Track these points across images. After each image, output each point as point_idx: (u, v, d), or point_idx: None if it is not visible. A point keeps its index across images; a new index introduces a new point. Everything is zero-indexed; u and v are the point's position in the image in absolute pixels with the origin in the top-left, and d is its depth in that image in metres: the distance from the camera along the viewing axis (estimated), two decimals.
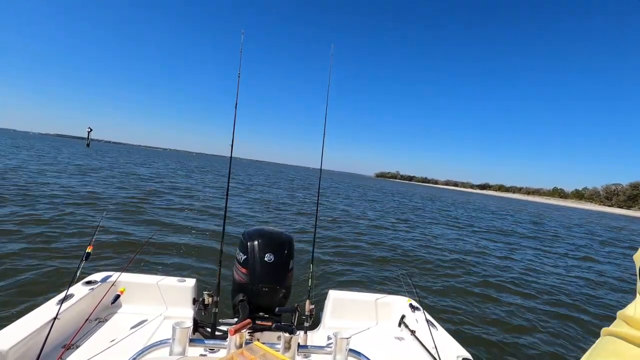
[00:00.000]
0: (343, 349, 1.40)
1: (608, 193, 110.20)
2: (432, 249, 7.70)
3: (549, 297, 5.11)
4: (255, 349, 1.26)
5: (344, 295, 2.23)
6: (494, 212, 24.97)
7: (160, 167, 29.62)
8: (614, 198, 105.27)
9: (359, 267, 5.46)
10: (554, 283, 5.90)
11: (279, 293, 1.81)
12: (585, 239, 14.48)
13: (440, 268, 5.89)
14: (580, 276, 6.77)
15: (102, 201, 9.30)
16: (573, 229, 19.23)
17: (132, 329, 1.80)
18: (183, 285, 2.10)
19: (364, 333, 2.05)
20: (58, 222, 6.33)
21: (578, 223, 25.63)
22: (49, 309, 1.62)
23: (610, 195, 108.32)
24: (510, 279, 5.84)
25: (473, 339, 3.39)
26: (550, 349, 3.44)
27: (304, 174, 71.99)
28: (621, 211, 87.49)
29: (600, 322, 4.12)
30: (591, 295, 5.47)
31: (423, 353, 1.79)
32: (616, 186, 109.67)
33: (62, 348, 1.53)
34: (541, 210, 44.39)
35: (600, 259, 9.29)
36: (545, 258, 8.36)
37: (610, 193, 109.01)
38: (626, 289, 6.16)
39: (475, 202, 40.70)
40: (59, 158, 23.52)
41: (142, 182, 15.33)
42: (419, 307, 2.16)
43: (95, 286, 1.95)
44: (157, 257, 4.86)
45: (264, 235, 1.90)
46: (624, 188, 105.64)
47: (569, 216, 35.84)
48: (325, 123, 2.26)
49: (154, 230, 6.29)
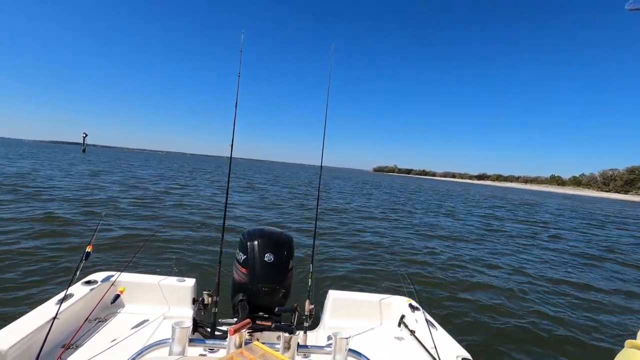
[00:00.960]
0: (343, 349, 1.40)
1: (605, 179, 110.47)
2: (433, 247, 7.69)
3: (553, 299, 5.02)
4: (255, 348, 1.26)
5: (344, 295, 2.23)
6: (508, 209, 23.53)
7: (160, 169, 29.55)
8: (611, 183, 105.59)
9: (358, 267, 5.46)
10: (560, 287, 5.66)
11: (278, 293, 1.81)
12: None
13: (440, 269, 5.84)
14: (599, 284, 6.04)
15: (102, 202, 9.31)
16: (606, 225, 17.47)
17: (132, 329, 1.80)
18: (183, 285, 2.11)
19: (363, 333, 2.05)
20: (58, 222, 6.35)
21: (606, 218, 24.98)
22: (49, 308, 1.62)
23: (607, 181, 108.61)
24: (512, 278, 5.78)
25: (473, 339, 3.40)
26: (552, 350, 3.42)
27: (297, 171, 71.77)
28: (618, 196, 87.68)
29: (603, 327, 4.08)
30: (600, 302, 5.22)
31: (423, 353, 1.78)
32: (613, 171, 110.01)
33: (62, 348, 1.54)
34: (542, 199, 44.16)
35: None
36: (555, 259, 8.08)
37: (607, 178, 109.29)
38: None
39: (476, 194, 40.32)
40: (59, 163, 23.51)
41: (142, 184, 15.35)
42: (418, 307, 2.16)
43: (95, 286, 1.96)
44: (157, 257, 4.88)
45: (263, 235, 1.90)
46: (620, 173, 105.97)
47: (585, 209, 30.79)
48: (325, 123, 2.25)
49: (154, 230, 6.31)
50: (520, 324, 3.94)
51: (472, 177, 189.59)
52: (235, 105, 1.98)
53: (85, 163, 27.75)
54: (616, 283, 6.15)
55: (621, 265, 7.73)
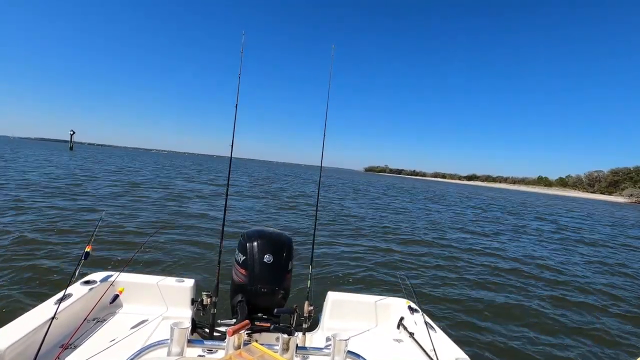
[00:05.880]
0: (341, 350, 1.41)
1: (590, 180, 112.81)
2: (433, 249, 7.74)
3: (556, 296, 5.06)
4: (254, 350, 1.27)
5: (343, 296, 2.24)
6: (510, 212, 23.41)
7: (152, 167, 29.18)
8: (596, 185, 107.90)
9: (357, 269, 5.47)
10: (564, 286, 5.71)
11: (277, 294, 1.81)
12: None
13: (439, 271, 5.86)
14: (601, 280, 6.32)
15: (101, 201, 9.20)
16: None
17: (131, 329, 1.80)
18: (182, 286, 2.11)
19: (362, 335, 2.06)
20: (57, 222, 6.28)
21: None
22: (47, 308, 1.62)
23: (592, 182, 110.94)
24: (512, 279, 5.79)
25: (472, 342, 3.41)
26: (553, 352, 3.42)
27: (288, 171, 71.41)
28: (602, 197, 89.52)
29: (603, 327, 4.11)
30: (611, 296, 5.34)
31: (421, 355, 1.80)
32: (598, 173, 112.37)
33: (60, 348, 1.53)
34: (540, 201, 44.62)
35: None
36: (559, 256, 8.18)
37: (593, 180, 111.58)
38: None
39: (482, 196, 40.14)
40: (50, 160, 23.05)
41: (137, 182, 15.16)
42: (417, 309, 2.16)
43: (94, 286, 1.95)
44: (156, 257, 4.86)
45: (263, 237, 1.90)
46: (604, 174, 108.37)
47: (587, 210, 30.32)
48: (325, 124, 2.26)
49: (153, 230, 6.25)
50: (520, 325, 3.95)
51: (462, 177, 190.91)
52: (236, 106, 1.99)
53: (75, 160, 27.29)
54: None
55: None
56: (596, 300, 5.20)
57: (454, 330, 3.56)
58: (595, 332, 4.00)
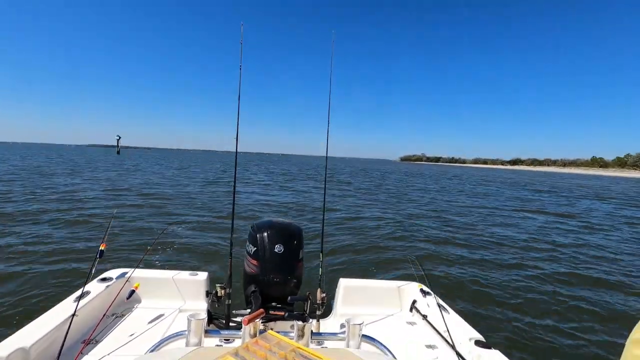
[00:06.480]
0: (356, 334, 1.41)
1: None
2: (441, 231, 7.66)
3: (572, 280, 4.86)
4: (270, 337, 1.27)
5: (355, 282, 2.25)
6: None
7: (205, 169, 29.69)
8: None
9: (368, 254, 5.46)
10: (581, 269, 5.42)
11: (290, 283, 1.83)
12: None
13: (451, 253, 5.79)
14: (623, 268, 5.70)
15: (113, 200, 9.45)
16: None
17: (149, 323, 1.84)
18: (195, 279, 2.14)
19: (375, 319, 2.07)
20: (73, 223, 6.51)
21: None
22: (67, 306, 1.67)
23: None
24: (526, 259, 5.63)
25: (486, 322, 3.38)
26: (565, 334, 3.35)
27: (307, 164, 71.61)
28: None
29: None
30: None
31: (435, 336, 1.81)
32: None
33: (82, 343, 1.58)
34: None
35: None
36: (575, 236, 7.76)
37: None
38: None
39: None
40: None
41: (160, 181, 15.68)
42: (430, 292, 2.16)
43: (111, 283, 2.00)
44: (169, 253, 4.99)
45: (273, 227, 1.92)
46: None
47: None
48: (329, 111, 2.25)
49: (165, 226, 6.42)
50: (535, 305, 3.89)
51: (505, 162, 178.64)
52: (238, 98, 2.01)
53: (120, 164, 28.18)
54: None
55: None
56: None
57: (468, 311, 3.52)
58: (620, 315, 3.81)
